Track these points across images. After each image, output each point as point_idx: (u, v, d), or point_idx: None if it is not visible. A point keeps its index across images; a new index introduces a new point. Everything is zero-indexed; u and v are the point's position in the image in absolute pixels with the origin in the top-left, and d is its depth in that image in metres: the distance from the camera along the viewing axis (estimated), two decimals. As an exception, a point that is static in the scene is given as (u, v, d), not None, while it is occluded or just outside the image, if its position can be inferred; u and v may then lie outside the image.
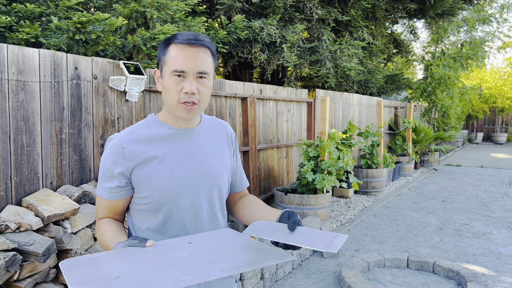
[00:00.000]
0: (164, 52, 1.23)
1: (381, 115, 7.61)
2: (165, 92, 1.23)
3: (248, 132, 4.97)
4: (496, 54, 52.17)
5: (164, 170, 1.24)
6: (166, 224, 1.26)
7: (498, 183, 8.45)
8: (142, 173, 1.23)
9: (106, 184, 1.25)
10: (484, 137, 20.64)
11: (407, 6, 7.60)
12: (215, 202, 1.33)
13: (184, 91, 1.19)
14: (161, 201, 1.24)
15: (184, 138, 1.29)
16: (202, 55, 1.21)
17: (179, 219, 1.26)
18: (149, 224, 1.28)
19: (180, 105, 1.21)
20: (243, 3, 5.27)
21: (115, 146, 1.23)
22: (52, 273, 2.28)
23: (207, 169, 1.30)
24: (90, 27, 2.96)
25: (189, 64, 1.19)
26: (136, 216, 1.30)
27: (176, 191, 1.24)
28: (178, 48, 1.20)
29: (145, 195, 1.24)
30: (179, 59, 1.19)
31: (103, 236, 1.25)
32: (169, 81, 1.20)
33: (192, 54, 1.19)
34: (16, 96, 2.52)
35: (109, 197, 1.26)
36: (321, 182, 4.82)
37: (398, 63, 13.71)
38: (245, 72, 6.74)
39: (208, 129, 1.37)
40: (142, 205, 1.26)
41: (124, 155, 1.22)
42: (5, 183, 2.46)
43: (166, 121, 1.29)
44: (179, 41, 1.20)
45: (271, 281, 3.46)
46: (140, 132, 1.26)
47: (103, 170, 1.26)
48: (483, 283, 3.27)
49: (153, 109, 3.58)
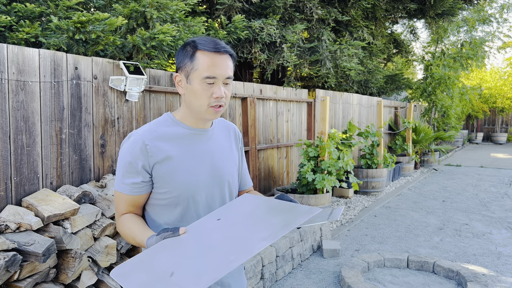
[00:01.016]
0: (191, 59, 1.28)
1: (381, 115, 7.60)
2: (194, 97, 1.29)
3: (248, 132, 4.97)
4: (496, 54, 52.18)
5: (183, 168, 1.31)
6: (183, 219, 1.33)
7: (498, 183, 8.45)
8: (162, 170, 1.29)
9: (128, 179, 1.29)
10: (484, 137, 20.64)
11: (407, 6, 7.60)
12: (226, 198, 1.41)
13: (214, 96, 1.27)
14: (180, 197, 1.31)
15: (200, 138, 1.37)
16: (229, 61, 1.30)
17: (196, 213, 1.33)
18: (166, 219, 1.34)
19: (210, 108, 1.29)
20: (243, 3, 5.27)
21: (137, 142, 1.28)
22: (52, 273, 2.28)
23: (220, 168, 1.39)
24: (90, 27, 2.95)
25: (219, 71, 1.27)
26: (154, 210, 1.36)
27: (194, 187, 1.32)
28: (208, 55, 1.27)
29: (164, 191, 1.31)
30: (211, 67, 1.26)
31: (129, 231, 1.29)
32: (199, 87, 1.27)
33: (221, 61, 1.27)
34: (16, 96, 2.51)
35: (131, 192, 1.30)
36: (321, 182, 4.82)
37: (398, 63, 13.71)
38: (245, 72, 6.74)
39: (219, 130, 1.46)
40: (161, 200, 1.32)
41: (146, 152, 1.28)
42: (5, 183, 2.46)
43: (183, 121, 1.36)
44: (208, 48, 1.27)
45: (271, 281, 3.46)
46: (160, 130, 1.33)
47: (124, 166, 1.29)
48: (483, 283, 3.27)
49: (153, 109, 3.58)
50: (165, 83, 3.71)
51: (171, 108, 3.75)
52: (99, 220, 2.61)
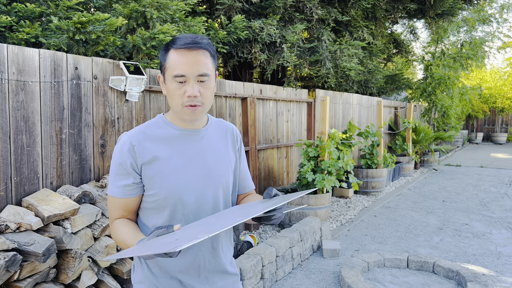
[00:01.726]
0: (164, 58, 1.26)
1: (381, 115, 7.61)
2: (169, 97, 1.27)
3: (248, 132, 4.97)
4: (496, 54, 52.16)
5: (171, 170, 1.28)
6: (171, 222, 1.30)
7: (498, 183, 8.45)
8: (150, 171, 1.27)
9: (120, 182, 1.27)
10: (484, 137, 20.64)
11: (407, 6, 7.60)
12: (220, 200, 1.37)
13: (186, 94, 1.23)
14: (168, 199, 1.27)
15: (191, 139, 1.33)
16: (201, 57, 1.24)
17: (184, 217, 1.30)
18: (155, 222, 1.31)
19: (184, 108, 1.25)
20: (243, 3, 5.27)
21: (125, 143, 1.27)
22: (52, 273, 2.28)
23: (213, 169, 1.35)
24: (90, 27, 2.95)
25: (189, 68, 1.22)
26: (144, 214, 1.34)
27: (182, 189, 1.28)
28: (177, 52, 1.23)
29: (152, 193, 1.28)
30: (179, 64, 1.22)
31: (120, 235, 1.26)
32: (171, 86, 1.24)
33: (191, 58, 1.22)
34: (16, 96, 2.52)
35: (123, 195, 1.28)
36: (321, 182, 4.82)
37: (398, 63, 13.70)
38: (245, 72, 6.74)
39: (214, 130, 1.41)
40: (150, 202, 1.30)
41: (134, 152, 1.26)
42: (5, 183, 2.46)
43: (173, 121, 1.34)
44: (178, 46, 1.23)
45: (271, 281, 3.46)
46: (149, 131, 1.31)
47: (115, 169, 1.28)
48: (483, 283, 3.27)
49: (153, 109, 3.58)
50: (165, 83, 3.71)
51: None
52: (99, 220, 2.61)
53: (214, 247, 1.37)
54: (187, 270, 1.32)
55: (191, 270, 1.33)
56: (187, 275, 1.33)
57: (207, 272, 1.35)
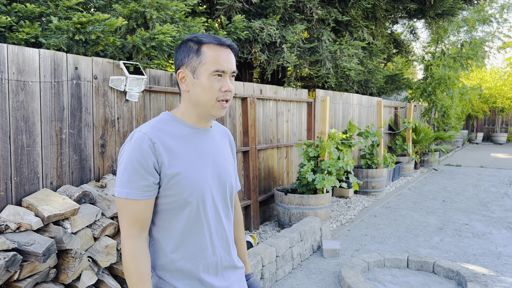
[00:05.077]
0: (197, 53, 1.26)
1: (381, 115, 7.61)
2: (202, 92, 1.26)
3: (248, 132, 4.97)
4: (496, 54, 52.15)
5: (192, 168, 1.26)
6: (193, 221, 1.27)
7: (498, 183, 8.45)
8: (171, 170, 1.22)
9: (140, 182, 1.19)
10: (484, 137, 20.63)
11: (407, 6, 7.60)
12: (228, 200, 1.39)
13: (223, 89, 1.26)
14: (190, 197, 1.25)
15: (203, 137, 1.34)
16: (232, 56, 1.30)
17: (205, 216, 1.29)
18: (174, 223, 1.26)
19: (217, 103, 1.27)
20: (243, 3, 5.27)
21: (144, 140, 1.20)
22: (52, 273, 2.28)
23: (223, 169, 1.36)
24: (90, 27, 2.96)
25: (228, 65, 1.26)
26: (160, 217, 1.27)
27: (203, 187, 1.27)
28: (214, 49, 1.26)
29: (172, 193, 1.23)
30: (220, 60, 1.25)
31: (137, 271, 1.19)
32: (208, 81, 1.25)
33: (227, 54, 1.27)
34: (16, 96, 2.52)
35: (143, 196, 1.20)
36: (321, 182, 4.82)
37: (398, 63, 13.70)
38: (245, 72, 6.75)
39: (217, 132, 1.44)
40: (168, 204, 1.25)
41: (154, 150, 1.21)
42: (5, 183, 2.46)
43: (184, 119, 1.32)
44: (214, 43, 1.26)
45: (271, 281, 3.46)
46: (163, 128, 1.27)
47: (132, 167, 1.19)
48: (483, 283, 3.27)
49: (153, 109, 3.58)
50: (165, 83, 3.71)
51: (171, 108, 3.76)
52: (99, 220, 2.61)
53: (229, 243, 1.39)
54: (207, 270, 1.33)
55: (211, 269, 1.34)
56: (207, 273, 1.33)
57: (223, 269, 1.37)
